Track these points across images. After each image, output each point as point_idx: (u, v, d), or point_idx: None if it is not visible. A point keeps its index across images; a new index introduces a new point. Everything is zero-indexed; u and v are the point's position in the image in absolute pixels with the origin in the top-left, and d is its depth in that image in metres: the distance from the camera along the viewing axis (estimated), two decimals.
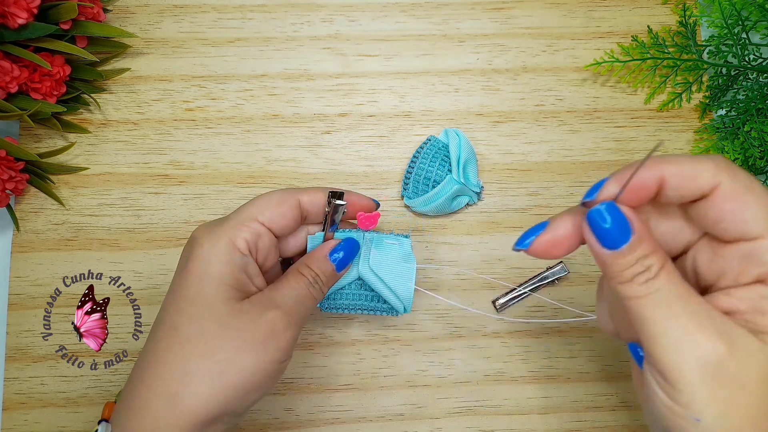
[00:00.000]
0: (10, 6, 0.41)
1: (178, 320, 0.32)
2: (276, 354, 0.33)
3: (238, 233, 0.34)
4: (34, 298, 0.46)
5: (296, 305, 0.35)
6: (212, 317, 0.32)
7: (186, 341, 0.31)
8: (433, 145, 0.47)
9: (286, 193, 0.37)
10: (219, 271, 0.33)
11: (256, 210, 0.35)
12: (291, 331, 0.34)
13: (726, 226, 0.26)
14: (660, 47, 0.50)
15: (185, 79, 0.49)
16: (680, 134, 0.50)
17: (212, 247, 0.33)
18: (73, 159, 0.48)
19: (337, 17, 0.51)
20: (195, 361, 0.31)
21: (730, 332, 0.25)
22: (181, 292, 0.33)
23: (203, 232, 0.34)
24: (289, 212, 0.36)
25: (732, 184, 0.25)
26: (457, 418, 0.46)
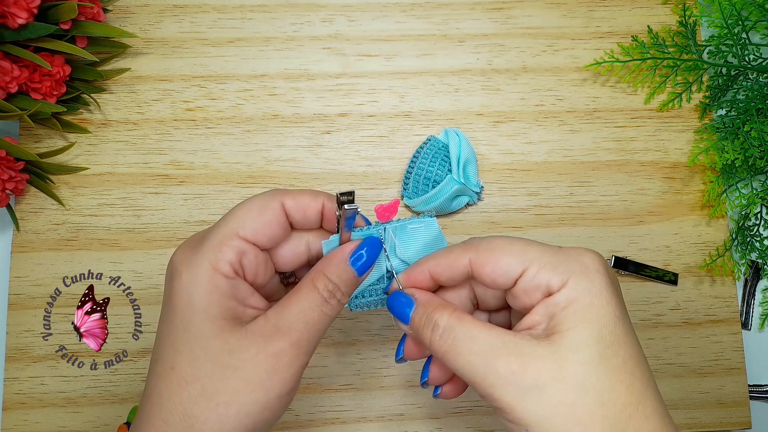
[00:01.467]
0: (10, 6, 0.41)
1: (174, 359, 0.30)
2: (282, 389, 0.30)
3: (219, 256, 0.30)
4: (34, 298, 0.46)
5: (306, 331, 0.31)
6: (207, 356, 0.29)
7: (185, 383, 0.30)
8: (433, 145, 0.47)
9: (268, 198, 0.32)
10: (204, 303, 0.30)
11: (235, 224, 0.31)
12: (298, 362, 0.31)
13: (498, 281, 0.31)
14: (660, 47, 0.50)
15: (185, 79, 0.49)
16: (680, 134, 0.50)
17: (192, 277, 0.30)
18: (73, 159, 0.48)
19: (337, 17, 0.51)
20: (196, 404, 0.29)
21: (519, 347, 0.29)
22: (171, 327, 0.30)
23: (181, 258, 0.31)
24: (273, 219, 0.32)
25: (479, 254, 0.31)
26: (457, 418, 0.46)
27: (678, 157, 0.50)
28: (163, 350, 0.31)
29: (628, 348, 0.29)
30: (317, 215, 0.33)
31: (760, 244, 0.49)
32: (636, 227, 0.49)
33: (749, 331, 0.50)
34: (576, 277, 0.29)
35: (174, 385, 0.30)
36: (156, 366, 0.31)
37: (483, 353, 0.29)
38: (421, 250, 0.35)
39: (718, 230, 0.49)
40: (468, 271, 0.32)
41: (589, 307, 0.29)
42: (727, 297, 0.49)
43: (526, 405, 0.28)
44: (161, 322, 0.31)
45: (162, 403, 0.30)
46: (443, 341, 0.30)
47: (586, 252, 0.31)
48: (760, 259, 0.49)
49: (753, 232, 0.49)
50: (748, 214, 0.49)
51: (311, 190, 0.34)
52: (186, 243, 0.32)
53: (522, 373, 0.28)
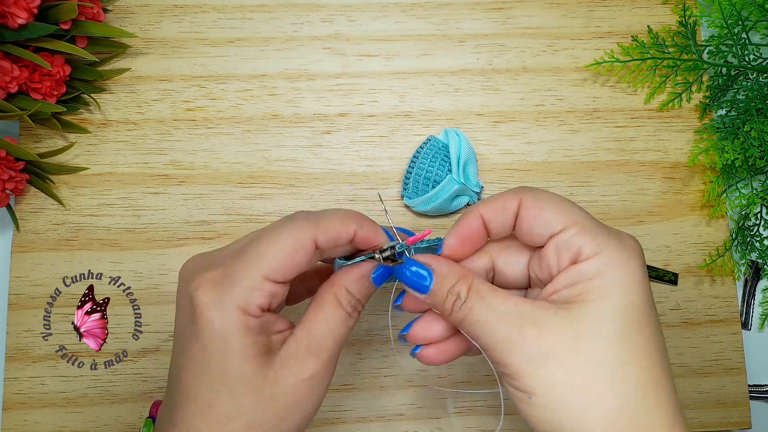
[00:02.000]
0: (10, 6, 0.41)
1: (212, 398, 0.30)
2: (317, 404, 0.31)
3: (250, 300, 0.29)
4: (34, 298, 0.46)
5: (335, 347, 0.31)
6: (247, 393, 0.30)
7: (226, 420, 0.30)
8: (433, 145, 0.47)
9: (300, 234, 0.30)
10: (240, 345, 0.29)
11: (266, 267, 0.30)
12: (329, 377, 0.32)
13: (535, 230, 0.31)
14: (660, 47, 0.50)
15: (185, 79, 0.49)
16: (680, 134, 0.50)
17: (224, 321, 0.29)
18: (73, 159, 0.48)
19: (337, 17, 0.51)
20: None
21: (536, 315, 0.29)
22: (203, 367, 0.30)
23: (207, 300, 0.30)
24: (304, 260, 0.31)
25: (530, 198, 0.31)
26: (457, 418, 0.46)
27: (678, 157, 0.50)
28: (196, 389, 0.30)
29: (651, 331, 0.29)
30: (347, 241, 0.32)
31: (760, 244, 0.49)
32: (636, 227, 0.49)
33: (749, 331, 0.50)
34: (610, 250, 0.29)
35: (214, 422, 0.30)
36: (188, 402, 0.30)
37: (499, 320, 0.29)
38: None
39: (718, 230, 0.49)
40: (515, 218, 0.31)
41: (617, 282, 0.28)
42: (727, 297, 0.49)
43: (535, 372, 0.28)
44: (187, 358, 0.30)
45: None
46: (462, 312, 0.30)
47: (629, 235, 0.31)
48: (760, 259, 0.49)
49: (753, 232, 0.49)
50: (748, 214, 0.49)
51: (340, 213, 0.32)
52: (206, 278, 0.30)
53: (535, 340, 0.28)
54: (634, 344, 0.28)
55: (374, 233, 0.33)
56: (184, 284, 0.31)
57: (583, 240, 0.29)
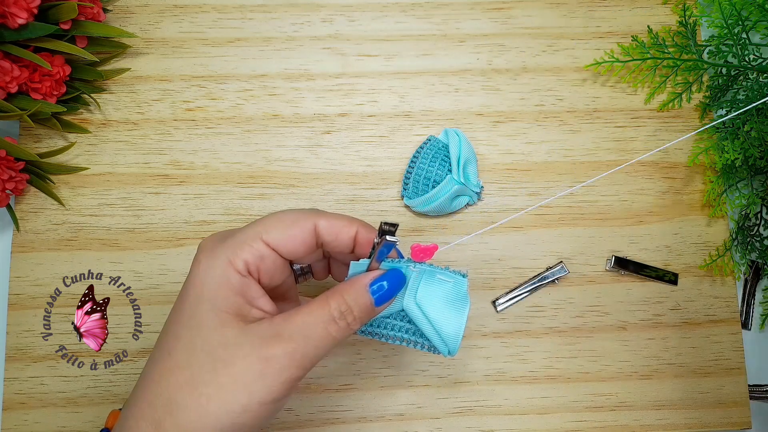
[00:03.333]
0: (10, 6, 0.41)
1: (173, 345, 0.30)
2: (266, 396, 0.29)
3: (238, 253, 0.31)
4: (34, 298, 0.46)
5: (303, 344, 0.30)
6: (203, 346, 0.30)
7: (176, 368, 0.30)
8: (433, 145, 0.47)
9: (302, 215, 0.33)
10: (213, 294, 0.31)
11: (262, 228, 0.32)
12: (289, 373, 0.30)
13: None
14: (660, 47, 0.50)
15: (185, 79, 0.49)
16: (680, 134, 0.50)
17: (208, 267, 0.31)
18: (73, 159, 0.48)
19: (337, 17, 0.51)
20: (180, 390, 0.29)
21: None
22: (178, 313, 0.31)
23: (205, 247, 0.32)
24: (299, 235, 0.32)
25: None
26: (457, 418, 0.46)
27: (678, 157, 0.50)
28: (166, 335, 0.31)
29: None
30: (350, 241, 0.33)
31: (760, 244, 0.49)
32: (636, 227, 0.49)
33: (749, 331, 0.50)
34: None
35: (165, 370, 0.30)
36: (155, 351, 0.32)
37: None
38: (440, 304, 0.34)
39: (718, 230, 0.49)
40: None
41: None
42: (727, 297, 0.49)
43: None
44: (172, 309, 0.32)
45: (151, 386, 0.30)
46: None
47: None
48: (760, 259, 0.49)
49: (753, 232, 0.49)
50: (748, 214, 0.49)
51: (347, 216, 0.34)
52: (216, 234, 0.33)
53: None
54: None
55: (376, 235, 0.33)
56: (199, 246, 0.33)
57: None
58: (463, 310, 0.34)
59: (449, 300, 0.34)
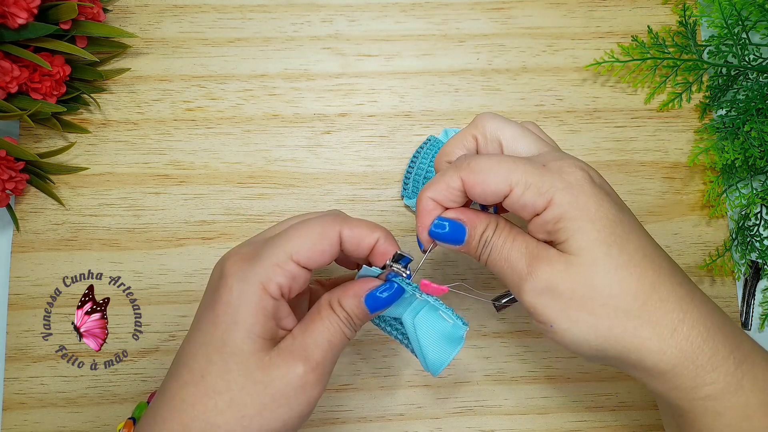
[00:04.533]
0: (10, 6, 0.41)
1: (206, 369, 0.31)
2: (304, 409, 0.31)
3: (272, 277, 0.31)
4: (34, 298, 0.46)
5: (330, 352, 0.32)
6: (240, 371, 0.30)
7: (213, 392, 0.30)
8: (433, 145, 0.47)
9: (328, 226, 0.33)
10: (248, 320, 0.31)
11: (292, 248, 0.31)
12: (321, 384, 0.32)
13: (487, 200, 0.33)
14: (660, 47, 0.50)
15: (185, 79, 0.49)
16: (680, 134, 0.50)
17: (242, 293, 0.31)
18: (73, 159, 0.48)
19: (337, 17, 0.51)
20: (221, 415, 0.30)
21: (538, 254, 0.32)
22: (209, 336, 0.31)
23: (234, 270, 0.31)
24: (328, 249, 0.32)
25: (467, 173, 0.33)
26: (457, 418, 0.46)
27: (678, 157, 0.50)
28: (194, 358, 0.31)
29: (632, 243, 0.31)
30: (369, 249, 0.34)
31: (760, 244, 0.49)
32: None
33: (749, 331, 0.50)
34: (559, 194, 0.31)
35: (201, 394, 0.30)
36: (182, 372, 0.31)
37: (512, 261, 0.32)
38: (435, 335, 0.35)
39: (718, 230, 0.49)
40: (463, 191, 0.33)
41: (577, 219, 0.31)
42: (727, 297, 0.49)
43: (544, 304, 0.31)
44: (197, 329, 0.32)
45: (185, 409, 0.30)
46: (487, 249, 0.33)
47: (570, 166, 0.32)
48: (760, 259, 0.49)
49: (753, 232, 0.49)
50: (748, 214, 0.49)
51: (369, 222, 0.34)
52: (240, 253, 0.32)
53: (536, 276, 0.31)
54: (620, 261, 0.31)
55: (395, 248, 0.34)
56: (222, 260, 0.33)
57: (531, 197, 0.31)
58: (454, 349, 0.35)
59: (443, 336, 0.35)
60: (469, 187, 0.32)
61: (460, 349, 0.35)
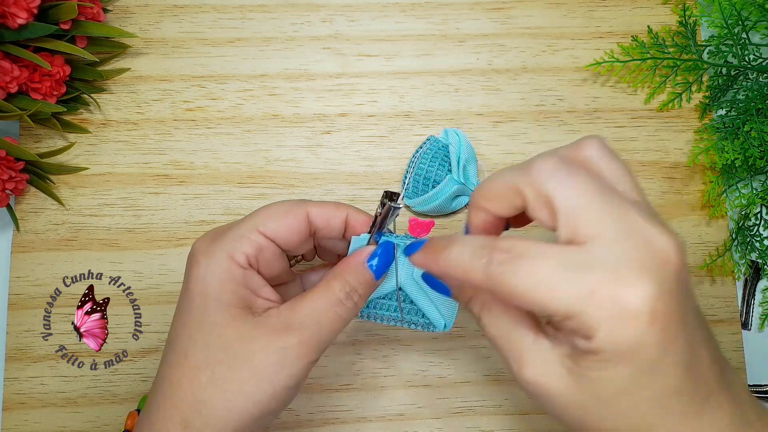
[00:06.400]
0: (10, 6, 0.41)
1: (188, 347, 0.31)
2: (289, 381, 0.31)
3: (236, 246, 0.32)
4: (34, 298, 0.46)
5: (316, 331, 0.31)
6: (220, 344, 0.31)
7: (196, 369, 0.30)
8: (433, 145, 0.47)
9: (294, 204, 0.33)
10: (218, 290, 0.31)
11: (258, 220, 0.32)
12: (307, 358, 0.31)
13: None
14: (660, 47, 0.50)
15: (185, 79, 0.49)
16: (680, 134, 0.50)
17: (208, 265, 0.31)
18: (73, 159, 0.48)
19: (337, 17, 0.51)
20: (205, 390, 0.30)
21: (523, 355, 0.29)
22: (187, 315, 0.32)
23: (200, 247, 0.32)
24: (294, 224, 0.33)
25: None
26: (457, 418, 0.46)
27: (678, 157, 0.50)
28: (178, 339, 0.32)
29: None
30: (341, 225, 0.34)
31: (760, 244, 0.49)
32: None
33: (749, 331, 0.50)
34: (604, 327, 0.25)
35: (186, 372, 0.31)
36: (169, 355, 0.32)
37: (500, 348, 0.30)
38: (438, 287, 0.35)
39: (718, 230, 0.49)
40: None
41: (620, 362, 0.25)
42: (727, 297, 0.49)
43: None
44: (177, 312, 0.32)
45: (173, 390, 0.31)
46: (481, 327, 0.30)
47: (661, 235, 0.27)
48: (760, 259, 0.49)
49: (753, 232, 0.49)
50: (748, 214, 0.49)
51: (335, 202, 0.35)
52: (207, 234, 0.33)
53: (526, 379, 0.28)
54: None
55: (367, 217, 0.34)
56: (192, 248, 0.33)
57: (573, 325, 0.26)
58: None
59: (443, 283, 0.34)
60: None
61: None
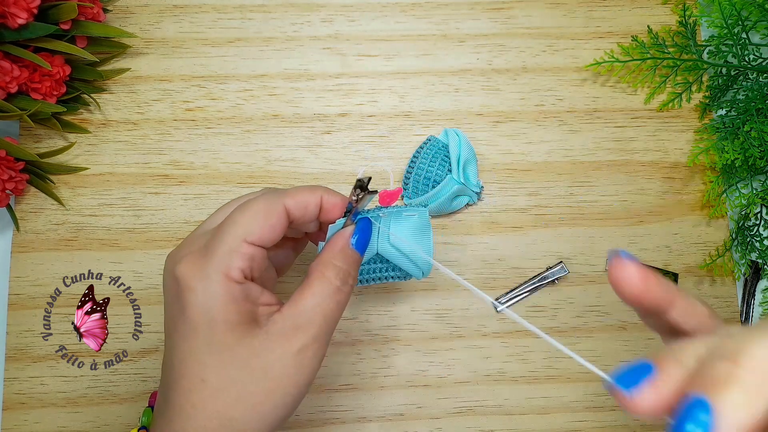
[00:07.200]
0: (10, 6, 0.41)
1: (203, 372, 0.30)
2: (309, 378, 0.32)
3: (230, 264, 0.30)
4: (34, 298, 0.46)
5: (324, 324, 0.32)
6: (235, 364, 0.30)
7: (217, 392, 0.30)
8: (433, 145, 0.47)
9: (271, 201, 0.32)
10: (223, 314, 0.30)
11: (242, 230, 0.31)
12: (321, 353, 0.32)
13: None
14: (660, 47, 0.50)
15: (185, 79, 0.49)
16: (680, 134, 0.50)
17: (206, 289, 0.30)
18: (73, 159, 0.48)
19: (337, 17, 0.51)
20: (234, 409, 0.30)
21: None
22: (192, 342, 0.31)
23: (189, 271, 0.31)
24: (278, 223, 0.32)
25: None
26: (457, 418, 0.46)
27: (678, 157, 0.50)
28: (185, 364, 0.31)
29: None
30: (316, 210, 0.34)
31: (760, 244, 0.49)
32: (636, 227, 0.49)
33: None
34: None
35: (207, 395, 0.30)
36: (180, 381, 0.31)
37: None
38: (410, 236, 0.37)
39: (718, 230, 0.49)
40: None
41: None
42: (727, 297, 0.49)
43: None
44: (177, 337, 0.31)
45: (196, 413, 0.30)
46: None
47: None
48: (760, 259, 0.49)
49: (753, 232, 0.49)
50: (748, 214, 0.49)
51: (307, 186, 0.34)
52: (188, 252, 0.32)
53: None
54: None
55: (341, 199, 0.34)
56: (170, 265, 0.32)
57: None
58: (428, 235, 0.38)
59: (416, 230, 0.37)
60: None
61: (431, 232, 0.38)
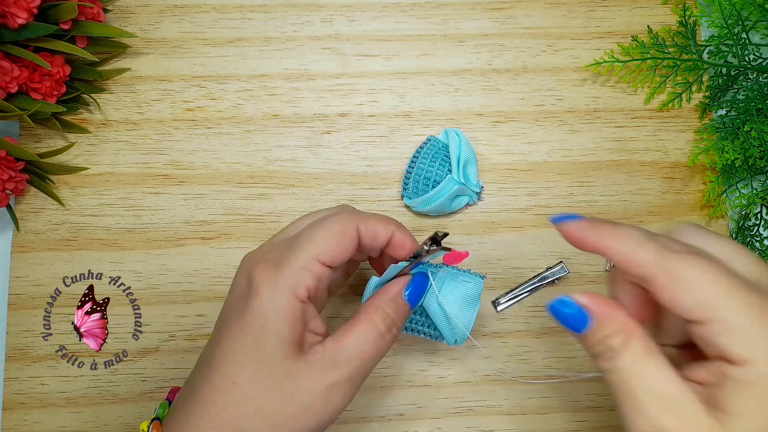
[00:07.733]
0: (10, 6, 0.41)
1: (237, 375, 0.31)
2: (333, 416, 0.32)
3: (300, 280, 0.31)
4: (34, 298, 0.46)
5: (362, 366, 0.32)
6: (270, 378, 0.31)
7: (244, 398, 0.31)
8: (433, 145, 0.47)
9: (348, 223, 0.33)
10: (279, 326, 0.31)
11: (318, 249, 0.32)
12: (352, 393, 0.32)
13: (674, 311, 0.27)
14: (660, 47, 0.50)
15: (185, 79, 0.49)
16: (680, 134, 0.50)
17: (272, 299, 0.31)
18: (73, 159, 0.48)
19: (337, 17, 0.51)
20: (251, 420, 0.31)
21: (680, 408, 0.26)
22: (239, 343, 0.31)
23: (263, 278, 0.31)
24: (350, 246, 0.33)
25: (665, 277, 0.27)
26: (457, 418, 0.46)
27: (678, 157, 0.50)
28: (225, 362, 0.31)
29: None
30: (384, 242, 0.34)
31: (760, 244, 0.49)
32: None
33: None
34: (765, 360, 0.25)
35: (232, 399, 0.31)
36: (213, 376, 0.31)
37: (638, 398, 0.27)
38: (458, 302, 0.37)
39: (718, 230, 0.49)
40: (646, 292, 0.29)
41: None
42: None
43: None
44: (226, 334, 0.32)
45: (216, 413, 0.31)
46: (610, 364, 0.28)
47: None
48: None
49: (753, 232, 0.49)
50: (748, 214, 0.49)
51: (382, 216, 0.35)
52: (265, 260, 0.32)
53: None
54: None
55: (410, 238, 0.35)
56: (247, 266, 0.33)
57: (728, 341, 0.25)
58: (475, 308, 0.37)
59: (466, 299, 0.37)
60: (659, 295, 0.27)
61: (478, 306, 0.37)
